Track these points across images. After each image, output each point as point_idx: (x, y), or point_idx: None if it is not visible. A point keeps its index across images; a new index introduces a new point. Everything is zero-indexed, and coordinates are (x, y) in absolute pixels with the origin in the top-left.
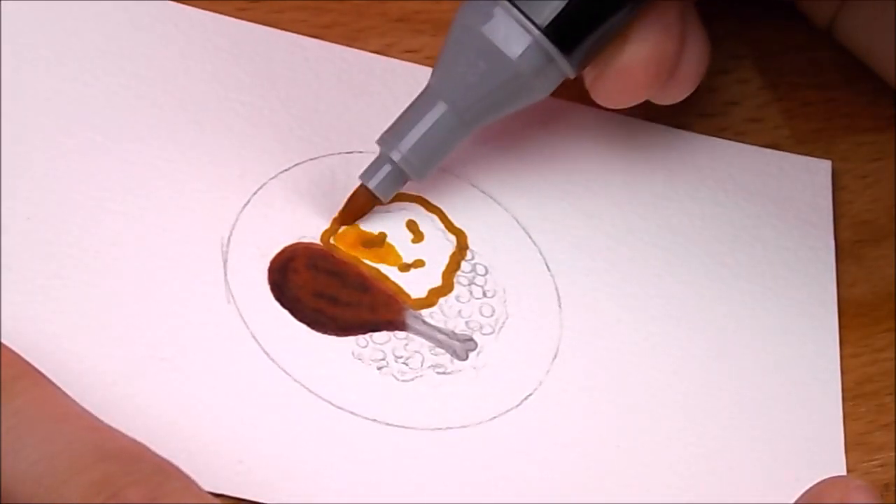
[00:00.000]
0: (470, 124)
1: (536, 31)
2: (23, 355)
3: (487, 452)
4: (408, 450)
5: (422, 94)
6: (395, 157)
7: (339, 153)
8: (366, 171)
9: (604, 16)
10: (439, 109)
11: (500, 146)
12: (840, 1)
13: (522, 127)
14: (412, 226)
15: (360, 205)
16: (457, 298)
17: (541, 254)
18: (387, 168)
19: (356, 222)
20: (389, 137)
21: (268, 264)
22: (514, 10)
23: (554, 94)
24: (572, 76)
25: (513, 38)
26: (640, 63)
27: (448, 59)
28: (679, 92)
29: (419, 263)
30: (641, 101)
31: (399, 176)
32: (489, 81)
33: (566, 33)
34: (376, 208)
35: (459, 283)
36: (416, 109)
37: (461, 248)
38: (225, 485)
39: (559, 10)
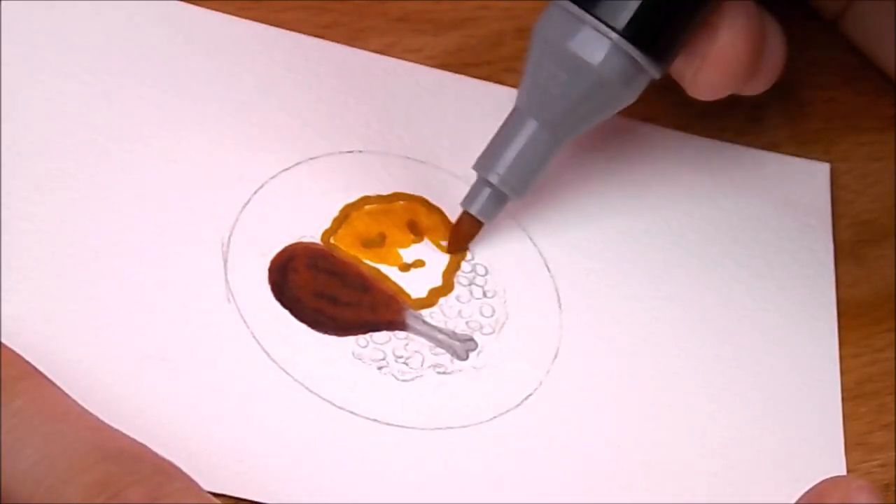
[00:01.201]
0: (563, 136)
1: (615, 35)
2: (23, 355)
3: (487, 452)
4: (408, 450)
5: (511, 114)
6: (493, 179)
7: (340, 153)
8: (466, 198)
9: (680, 13)
10: (530, 127)
11: None
12: None
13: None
14: (412, 226)
15: (465, 231)
16: (457, 298)
17: (541, 254)
18: (486, 191)
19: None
20: (485, 161)
21: (268, 264)
22: (591, 17)
23: None
24: (658, 76)
25: (592, 44)
26: (736, 49)
27: (531, 75)
28: (767, 80)
29: (419, 263)
30: (731, 91)
31: (499, 197)
32: (574, 91)
33: (645, 34)
34: (375, 208)
35: (459, 283)
36: (508, 130)
37: None
38: (225, 485)
39: (635, 11)
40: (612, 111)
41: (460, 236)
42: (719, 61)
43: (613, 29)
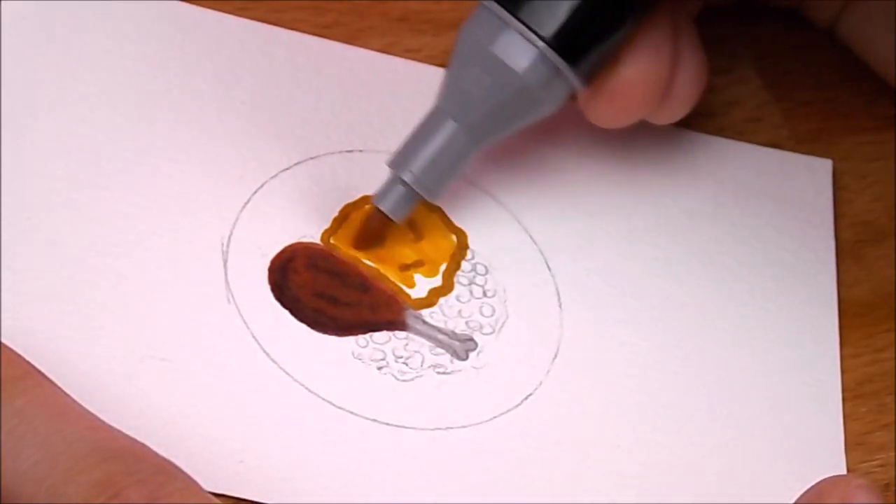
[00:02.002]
0: (480, 141)
1: (541, 43)
2: (23, 355)
3: (487, 452)
4: (408, 450)
5: (430, 113)
6: (407, 177)
7: (340, 152)
8: (378, 194)
9: (610, 27)
10: (448, 128)
11: (501, 145)
12: (843, 1)
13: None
14: (412, 225)
15: (375, 228)
16: (457, 298)
17: (541, 254)
18: (399, 189)
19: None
20: (400, 159)
21: (268, 264)
22: (518, 23)
23: None
24: (581, 88)
25: (518, 50)
26: (631, 84)
27: (454, 76)
28: (673, 113)
29: (419, 263)
30: (634, 121)
31: (412, 197)
32: (496, 96)
33: (572, 44)
34: (368, 208)
35: (459, 282)
36: (425, 129)
37: (461, 248)
38: (225, 485)
39: (564, 20)
40: (532, 119)
41: (370, 233)
42: (615, 95)
43: (540, 36)
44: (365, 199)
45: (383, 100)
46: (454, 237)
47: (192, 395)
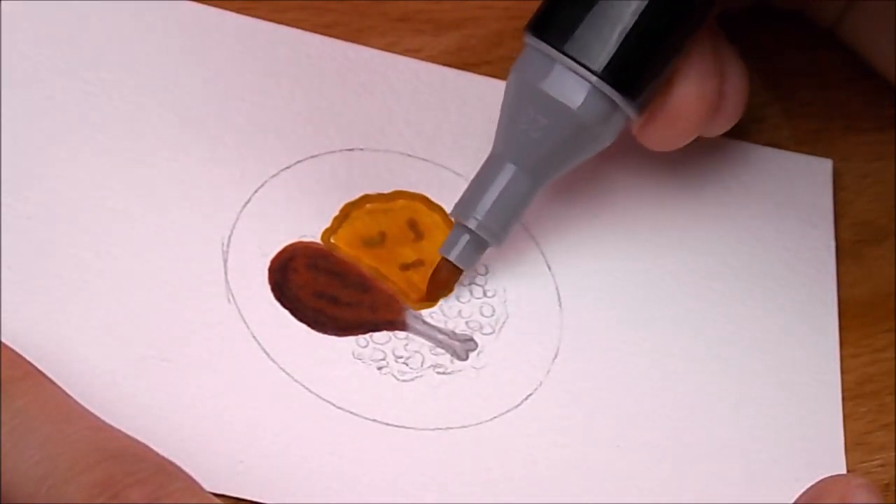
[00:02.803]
0: (540, 180)
1: (594, 78)
2: (23, 355)
3: (487, 452)
4: (408, 450)
5: (489, 158)
6: (472, 225)
7: (341, 150)
8: (445, 244)
9: (659, 54)
10: (508, 172)
11: None
12: (846, 2)
13: None
14: (413, 225)
15: (444, 278)
16: (457, 298)
17: (541, 254)
18: (465, 238)
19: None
20: (463, 207)
21: (268, 264)
22: (569, 60)
23: None
24: (636, 118)
25: (571, 87)
26: (688, 103)
27: (508, 119)
28: (725, 124)
29: (419, 263)
30: (690, 140)
31: (478, 244)
32: (553, 136)
33: (624, 75)
34: (376, 207)
35: (459, 282)
36: (486, 175)
37: None
38: (225, 485)
39: (613, 52)
40: (591, 153)
41: (439, 283)
42: (672, 118)
43: (592, 70)
44: (366, 198)
45: (385, 98)
46: None
47: (192, 395)
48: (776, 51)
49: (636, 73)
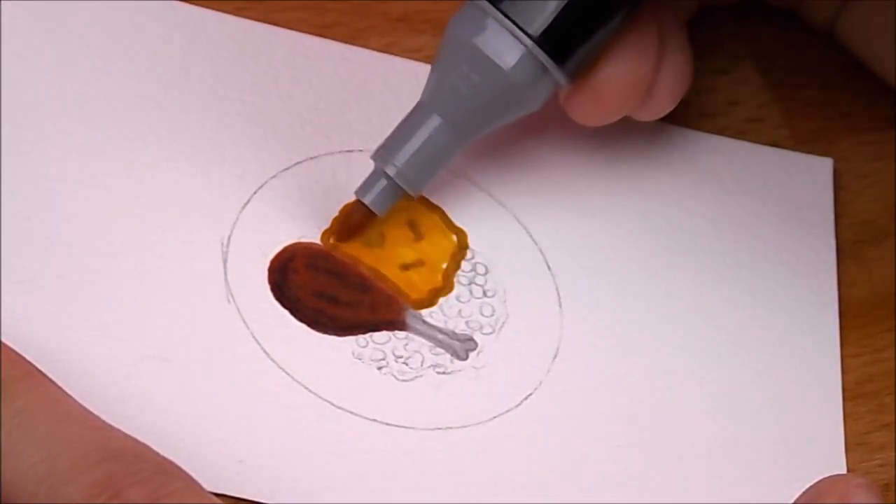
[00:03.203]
0: (464, 136)
1: (529, 41)
2: (23, 355)
3: (487, 452)
4: (408, 450)
5: (415, 107)
6: (391, 171)
7: (340, 151)
8: (361, 187)
9: (596, 25)
10: (433, 122)
11: (501, 145)
12: (841, 2)
13: (523, 126)
14: (412, 225)
15: (357, 221)
16: (457, 298)
17: (541, 253)
18: (382, 183)
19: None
20: (384, 152)
21: (268, 264)
22: (506, 21)
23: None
24: (566, 86)
25: (505, 48)
26: (613, 83)
27: (440, 72)
28: (655, 112)
29: (419, 263)
30: (616, 119)
31: (395, 190)
32: (482, 93)
33: (559, 42)
34: None
35: (459, 282)
36: (410, 123)
37: (461, 248)
38: (225, 485)
39: (552, 19)
40: (515, 116)
41: (351, 226)
42: (597, 93)
43: (527, 34)
44: None
45: (383, 100)
46: (454, 237)
47: (192, 395)
48: (776, 51)
49: (570, 41)
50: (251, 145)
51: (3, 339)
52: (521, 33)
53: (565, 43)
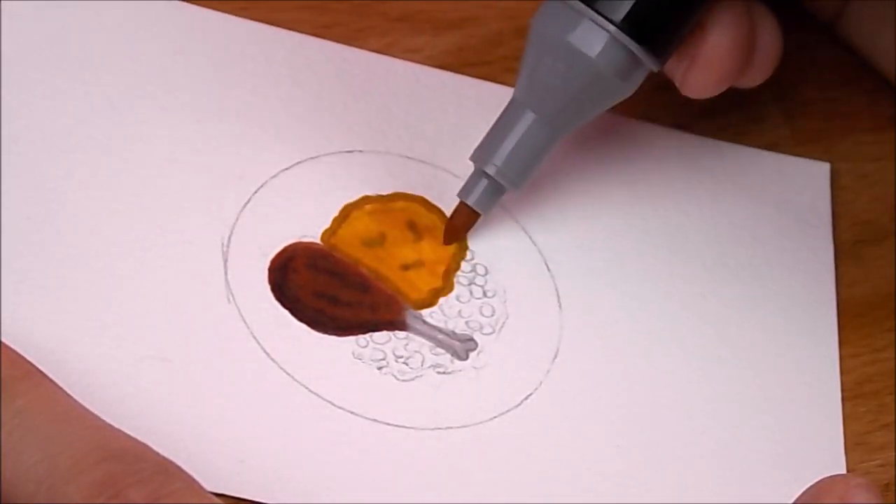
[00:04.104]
0: (560, 129)
1: (612, 27)
2: (23, 355)
3: (487, 452)
4: (408, 450)
5: (508, 105)
6: (491, 170)
7: (340, 152)
8: (463, 188)
9: (677, 7)
10: (527, 119)
11: None
12: None
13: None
14: (412, 226)
15: (461, 222)
16: (457, 298)
17: (541, 254)
18: (483, 182)
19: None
20: (482, 152)
21: (268, 264)
22: (589, 10)
23: None
24: (656, 69)
25: (590, 36)
26: (725, 49)
27: (529, 67)
28: (761, 74)
29: (419, 264)
30: (726, 87)
31: (496, 189)
32: (572, 84)
33: (643, 26)
34: (375, 208)
35: (459, 283)
36: (505, 121)
37: (461, 248)
38: (225, 484)
39: (633, 4)
40: (610, 104)
41: (457, 227)
42: (707, 63)
43: (611, 21)
44: (365, 200)
45: (383, 101)
46: None
47: (192, 395)
48: None
49: (656, 25)
50: (251, 145)
51: (3, 339)
52: (604, 20)
53: (650, 26)
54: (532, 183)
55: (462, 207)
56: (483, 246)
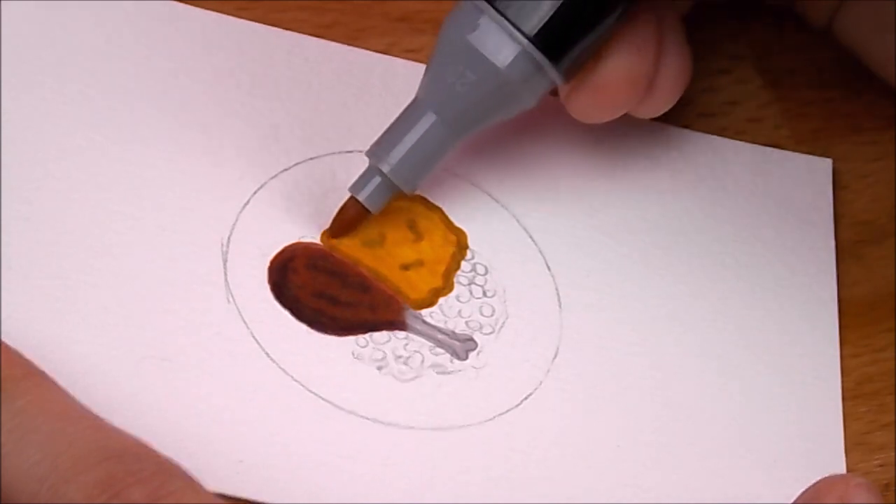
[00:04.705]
0: (459, 134)
1: (524, 40)
2: (23, 355)
3: (487, 452)
4: (408, 450)
5: (410, 104)
6: (385, 168)
7: (340, 152)
8: (355, 183)
9: (591, 24)
10: (428, 120)
11: (501, 145)
12: (838, 1)
13: (523, 126)
14: (412, 226)
15: (351, 217)
16: (457, 298)
17: (541, 254)
18: (376, 180)
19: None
20: (378, 149)
21: (268, 264)
22: (502, 19)
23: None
24: (560, 84)
25: (500, 46)
26: (613, 81)
27: (436, 70)
28: (656, 108)
29: (419, 264)
30: (616, 116)
31: (389, 187)
32: (477, 91)
33: (554, 41)
34: None
35: (459, 282)
36: (405, 120)
37: (461, 248)
38: (225, 484)
39: (547, 18)
40: (511, 113)
41: (345, 222)
42: (597, 90)
43: (523, 33)
44: None
45: (383, 101)
46: (454, 237)
47: (192, 395)
48: (775, 51)
49: (566, 40)
50: (251, 146)
51: (3, 339)
52: (516, 32)
53: (561, 42)
54: (532, 183)
55: (352, 202)
56: (483, 246)
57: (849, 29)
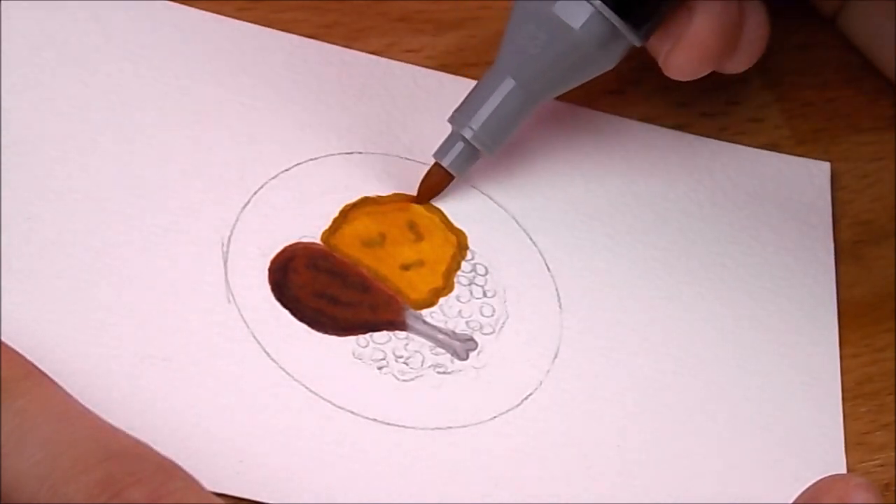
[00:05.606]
0: (537, 98)
1: (597, 1)
2: (23, 355)
3: (487, 452)
4: (408, 450)
5: (489, 71)
6: (467, 134)
7: (340, 154)
8: (439, 149)
9: None
10: (507, 85)
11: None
12: None
13: (522, 128)
14: (412, 226)
15: (435, 182)
16: (457, 298)
17: (541, 254)
18: (459, 145)
19: (429, 201)
20: (459, 115)
21: (268, 264)
22: None
23: (557, 98)
24: (637, 44)
25: (574, 8)
26: (710, 32)
27: (511, 35)
28: (745, 60)
29: (419, 264)
30: (709, 70)
31: (471, 152)
32: (551, 53)
33: (626, 2)
34: (375, 209)
35: (459, 283)
36: (485, 86)
37: (461, 248)
38: (225, 484)
39: None
40: (589, 75)
41: (430, 187)
42: (691, 44)
43: None
44: (365, 200)
45: (382, 103)
46: (454, 238)
47: (192, 394)
48: (776, 51)
49: (638, 1)
50: (251, 147)
51: (3, 339)
52: None
53: (633, 2)
54: (532, 183)
55: (436, 168)
56: (483, 246)
57: (855, 20)
